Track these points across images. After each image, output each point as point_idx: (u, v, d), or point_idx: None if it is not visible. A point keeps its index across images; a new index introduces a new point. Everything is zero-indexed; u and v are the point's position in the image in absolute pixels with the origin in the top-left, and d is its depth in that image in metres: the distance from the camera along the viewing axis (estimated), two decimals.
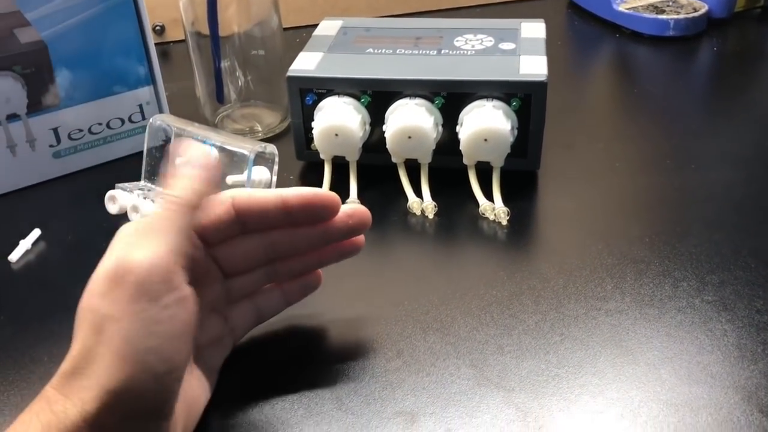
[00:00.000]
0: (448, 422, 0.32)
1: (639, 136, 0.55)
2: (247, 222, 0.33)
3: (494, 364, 0.35)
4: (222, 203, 0.33)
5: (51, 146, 0.51)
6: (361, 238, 0.36)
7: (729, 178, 0.49)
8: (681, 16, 0.70)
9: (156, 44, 0.53)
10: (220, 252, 0.34)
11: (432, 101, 0.47)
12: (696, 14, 0.70)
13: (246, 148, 0.44)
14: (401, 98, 0.47)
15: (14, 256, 0.44)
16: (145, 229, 0.29)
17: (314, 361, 0.36)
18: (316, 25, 0.56)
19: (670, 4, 0.73)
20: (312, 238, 0.35)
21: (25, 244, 0.44)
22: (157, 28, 0.73)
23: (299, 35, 0.70)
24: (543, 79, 0.46)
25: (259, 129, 0.56)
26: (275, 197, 0.33)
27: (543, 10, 0.79)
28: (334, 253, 0.36)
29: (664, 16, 0.70)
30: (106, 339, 0.27)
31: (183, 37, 0.55)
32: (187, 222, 0.30)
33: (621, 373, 0.35)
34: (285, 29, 0.56)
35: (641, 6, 0.73)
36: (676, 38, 0.70)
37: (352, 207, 0.35)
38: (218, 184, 0.32)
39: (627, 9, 0.72)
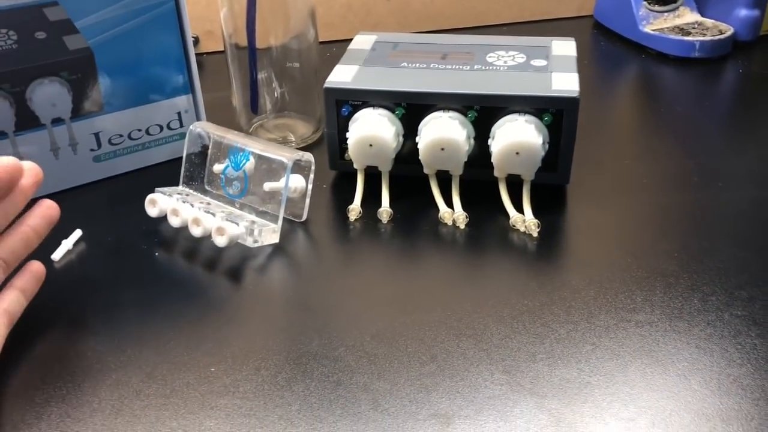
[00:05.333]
0: (482, 425, 0.33)
1: (666, 154, 0.56)
2: None
3: (527, 371, 0.36)
4: None
5: (92, 150, 0.52)
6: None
7: (755, 197, 0.50)
8: (707, 38, 0.71)
9: None
10: None
11: (465, 114, 0.48)
12: (722, 36, 0.71)
13: (284, 156, 0.46)
14: (435, 111, 0.49)
15: (57, 255, 0.45)
16: None
17: (350, 362, 0.37)
18: (347, 40, 0.58)
19: (696, 26, 0.74)
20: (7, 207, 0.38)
21: (67, 244, 0.46)
22: (192, 39, 0.75)
23: (329, 50, 0.72)
24: (575, 95, 0.47)
25: (293, 139, 0.58)
26: None
27: (568, 30, 0.80)
28: (37, 218, 0.40)
29: (689, 38, 0.71)
30: None
31: (217, 49, 0.57)
32: None
33: (652, 383, 0.35)
34: None
35: (667, 28, 0.74)
36: (701, 60, 0.71)
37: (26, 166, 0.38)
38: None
39: (653, 30, 0.74)
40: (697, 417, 0.33)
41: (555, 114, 0.47)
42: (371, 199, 0.49)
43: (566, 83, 0.48)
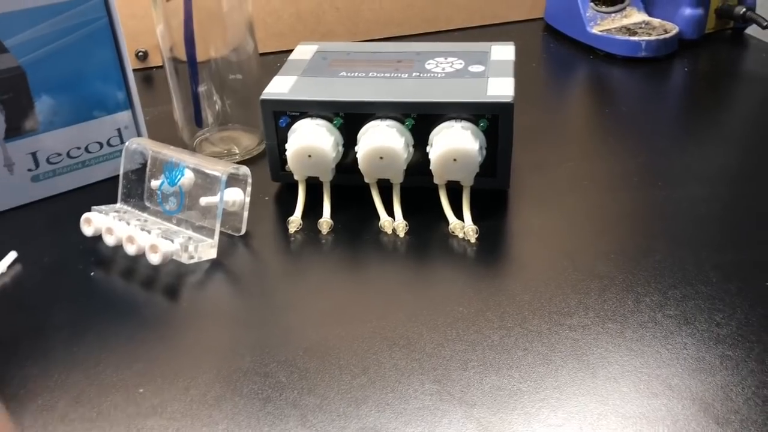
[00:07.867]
0: None
1: (608, 154, 0.56)
2: None
3: (458, 380, 0.36)
4: None
5: (29, 170, 0.52)
6: None
7: (694, 195, 0.50)
8: (653, 38, 0.71)
9: (140, 70, 0.54)
10: None
11: (403, 122, 0.48)
12: (667, 36, 0.72)
13: (219, 170, 0.45)
14: (373, 120, 0.48)
15: None
16: None
17: (281, 378, 0.37)
18: None
19: (643, 26, 0.75)
20: None
21: (0, 267, 0.45)
22: (140, 54, 0.74)
23: (280, 60, 0.72)
24: (509, 100, 0.47)
25: (237, 152, 0.57)
26: None
27: (520, 33, 0.80)
28: None
29: (636, 38, 0.72)
30: None
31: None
32: None
33: (581, 387, 0.35)
34: (266, 54, 0.58)
35: (614, 28, 0.75)
36: (648, 59, 0.72)
37: None
38: None
39: (600, 31, 0.74)
40: (624, 420, 0.33)
41: (491, 119, 0.47)
42: (314, 210, 0.49)
43: (501, 88, 0.48)
